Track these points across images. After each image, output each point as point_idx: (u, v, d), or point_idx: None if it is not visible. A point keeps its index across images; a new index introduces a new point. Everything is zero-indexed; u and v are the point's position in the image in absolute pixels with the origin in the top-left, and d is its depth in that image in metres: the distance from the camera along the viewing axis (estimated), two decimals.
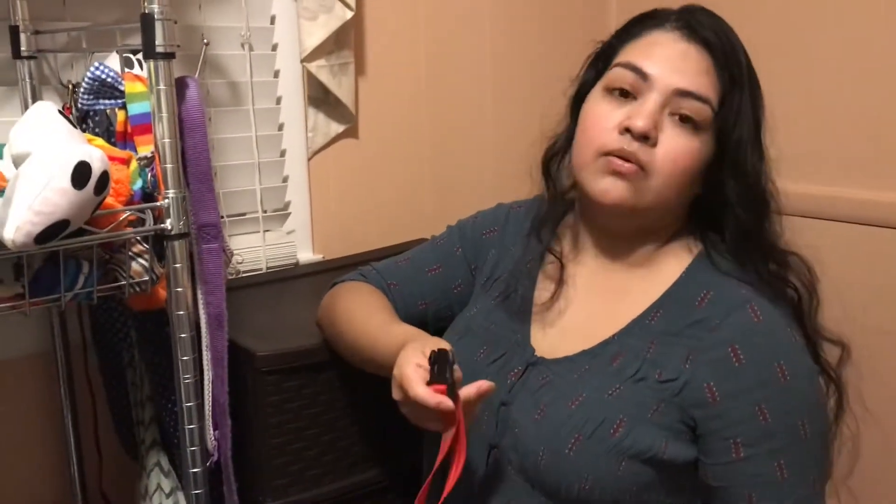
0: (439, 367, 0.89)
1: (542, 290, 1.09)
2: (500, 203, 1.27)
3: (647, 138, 0.95)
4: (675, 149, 0.95)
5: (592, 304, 1.05)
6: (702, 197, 1.02)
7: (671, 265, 1.03)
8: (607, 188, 0.97)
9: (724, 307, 0.96)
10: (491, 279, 1.16)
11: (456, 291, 1.20)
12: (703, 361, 0.94)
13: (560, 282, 1.07)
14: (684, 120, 0.95)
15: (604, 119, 0.98)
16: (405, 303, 1.19)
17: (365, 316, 1.11)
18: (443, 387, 0.87)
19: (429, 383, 0.88)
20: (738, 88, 0.96)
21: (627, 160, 0.95)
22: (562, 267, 1.08)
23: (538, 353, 1.04)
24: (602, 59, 1.06)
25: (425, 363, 0.90)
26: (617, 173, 0.96)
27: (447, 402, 0.86)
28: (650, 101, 0.95)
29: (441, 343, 0.93)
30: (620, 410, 0.93)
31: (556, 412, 0.96)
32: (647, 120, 0.94)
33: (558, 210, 1.12)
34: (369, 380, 1.25)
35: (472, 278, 1.20)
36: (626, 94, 0.98)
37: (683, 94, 0.95)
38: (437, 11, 1.77)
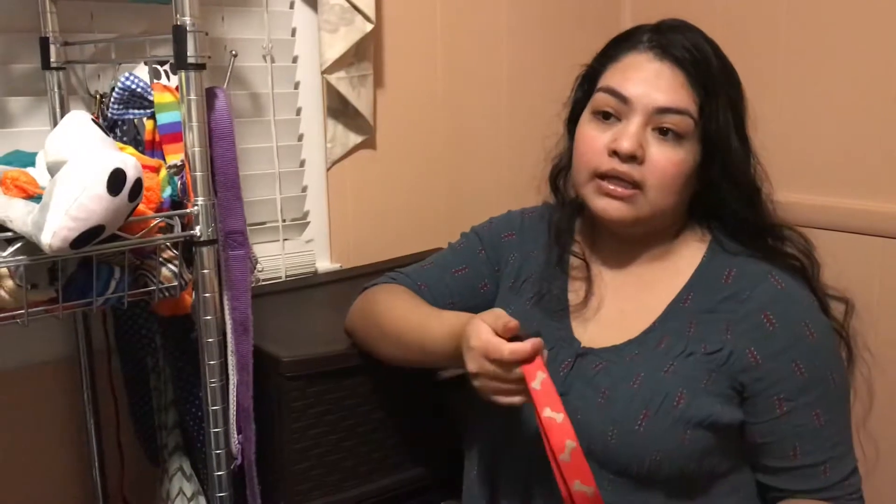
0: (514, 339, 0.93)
1: (574, 292, 1.15)
2: (510, 210, 1.31)
3: (634, 158, 1.02)
4: (662, 161, 1.02)
5: (622, 299, 1.11)
6: (700, 193, 1.10)
7: (688, 254, 1.11)
8: (605, 207, 1.06)
9: (749, 280, 1.05)
10: (519, 281, 1.20)
11: (482, 291, 1.24)
12: (741, 330, 1.02)
13: (589, 280, 1.13)
14: (666, 133, 1.03)
15: (593, 142, 1.06)
16: (435, 303, 1.21)
17: (407, 310, 1.14)
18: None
19: None
20: (713, 95, 1.03)
21: (621, 181, 1.04)
22: (588, 266, 1.15)
23: (584, 345, 1.09)
24: (588, 80, 1.14)
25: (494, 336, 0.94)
26: (613, 195, 1.05)
27: (537, 343, 0.91)
28: (633, 123, 1.03)
29: (502, 315, 0.95)
30: (678, 384, 1.01)
31: (619, 394, 1.02)
32: (632, 141, 1.02)
33: (571, 216, 1.19)
34: (391, 386, 1.28)
35: (497, 279, 1.24)
36: (609, 117, 1.06)
37: (662, 110, 1.02)
38: (454, 25, 1.80)
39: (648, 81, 1.03)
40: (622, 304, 1.11)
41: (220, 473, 1.13)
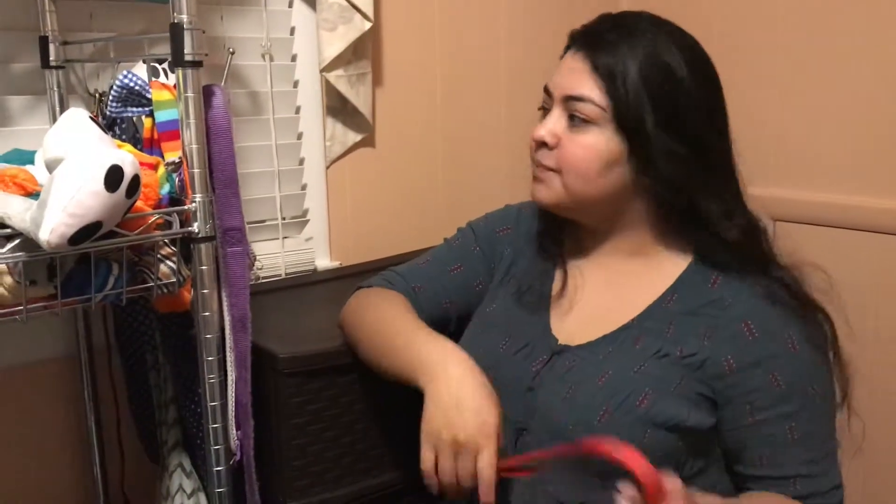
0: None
1: (556, 284, 1.16)
2: (507, 204, 1.32)
3: (545, 144, 1.07)
4: (569, 146, 1.05)
5: (602, 294, 1.12)
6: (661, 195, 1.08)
7: (676, 256, 1.10)
8: (533, 191, 1.11)
9: (733, 287, 1.04)
10: (507, 276, 1.21)
11: (478, 289, 1.24)
12: (720, 337, 1.01)
13: (565, 274, 1.15)
14: (573, 119, 1.05)
15: (531, 134, 1.11)
16: (430, 304, 1.22)
17: (390, 330, 1.12)
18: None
19: None
20: (623, 83, 1.02)
21: (540, 166, 1.09)
22: (564, 260, 1.16)
23: (561, 341, 1.10)
24: None
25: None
26: (535, 178, 1.10)
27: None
28: (552, 114, 1.08)
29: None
30: (646, 384, 1.00)
31: (584, 389, 1.02)
32: (541, 129, 1.08)
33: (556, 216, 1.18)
34: (389, 382, 1.28)
35: (492, 275, 1.24)
36: (546, 111, 1.11)
37: (569, 98, 1.05)
38: (452, 23, 1.80)
39: (563, 73, 1.07)
40: (603, 301, 1.11)
41: (219, 469, 1.14)
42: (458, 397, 0.97)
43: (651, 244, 1.10)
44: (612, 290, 1.11)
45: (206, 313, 1.09)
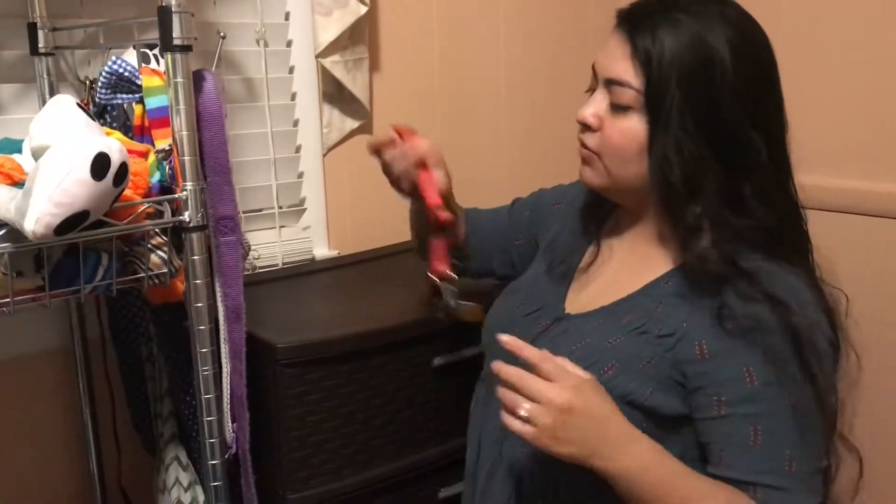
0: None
1: (586, 258, 1.16)
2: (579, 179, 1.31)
3: (588, 127, 1.04)
4: (609, 130, 1.02)
5: (620, 271, 1.11)
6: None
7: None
8: (581, 172, 1.09)
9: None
10: (548, 248, 1.23)
11: (516, 243, 1.32)
12: (698, 319, 0.97)
13: (597, 252, 1.15)
14: (613, 104, 1.02)
15: (577, 115, 1.07)
16: (476, 230, 1.35)
17: None
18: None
19: None
20: (660, 69, 0.97)
21: (584, 148, 1.06)
22: (598, 242, 1.16)
23: (568, 311, 1.11)
24: None
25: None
26: (582, 160, 1.08)
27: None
28: (596, 95, 1.05)
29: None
30: (614, 357, 0.99)
31: (559, 353, 0.99)
32: (584, 112, 1.05)
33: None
34: (389, 373, 1.26)
35: (535, 240, 1.29)
36: (594, 91, 1.07)
37: (610, 82, 1.02)
38: (450, 7, 1.77)
39: (606, 53, 1.04)
40: (618, 275, 1.10)
41: (214, 462, 1.12)
42: None
43: (669, 233, 1.05)
44: (629, 268, 1.10)
45: (199, 304, 1.07)
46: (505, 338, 0.95)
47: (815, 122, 1.67)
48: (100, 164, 0.88)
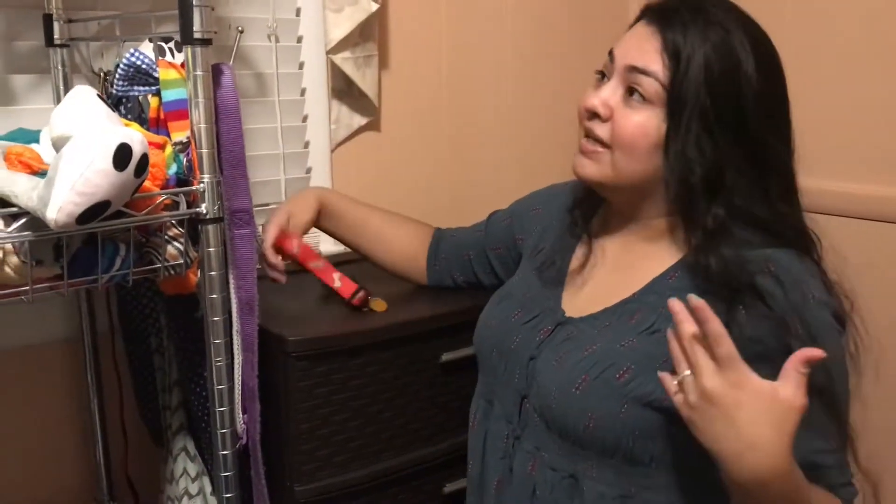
0: None
1: (577, 259, 1.16)
2: (553, 184, 1.32)
3: (597, 115, 1.02)
4: (622, 120, 1.01)
5: (616, 272, 1.10)
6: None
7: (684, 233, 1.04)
8: (576, 164, 1.06)
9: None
10: (535, 250, 1.22)
11: (497, 252, 1.33)
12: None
13: (589, 250, 1.14)
14: (633, 93, 1.01)
15: (581, 101, 1.06)
16: (450, 249, 1.39)
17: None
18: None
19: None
20: (687, 67, 0.98)
21: (590, 139, 1.04)
22: (589, 240, 1.15)
23: (568, 314, 1.09)
24: None
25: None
26: (582, 152, 1.05)
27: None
28: (610, 82, 1.03)
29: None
30: (629, 359, 0.98)
31: (570, 358, 1.02)
32: (594, 98, 1.02)
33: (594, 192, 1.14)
34: (398, 367, 1.27)
35: (516, 248, 1.29)
36: (604, 77, 1.06)
37: (631, 69, 1.01)
38: (459, 5, 1.78)
39: (631, 41, 1.03)
40: (615, 276, 1.09)
41: (225, 453, 1.13)
42: None
43: (666, 231, 1.07)
44: (625, 268, 1.09)
45: (214, 295, 1.08)
46: (677, 306, 0.86)
47: (823, 126, 1.67)
48: (122, 155, 0.89)
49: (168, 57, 1.15)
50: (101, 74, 1.27)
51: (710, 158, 0.97)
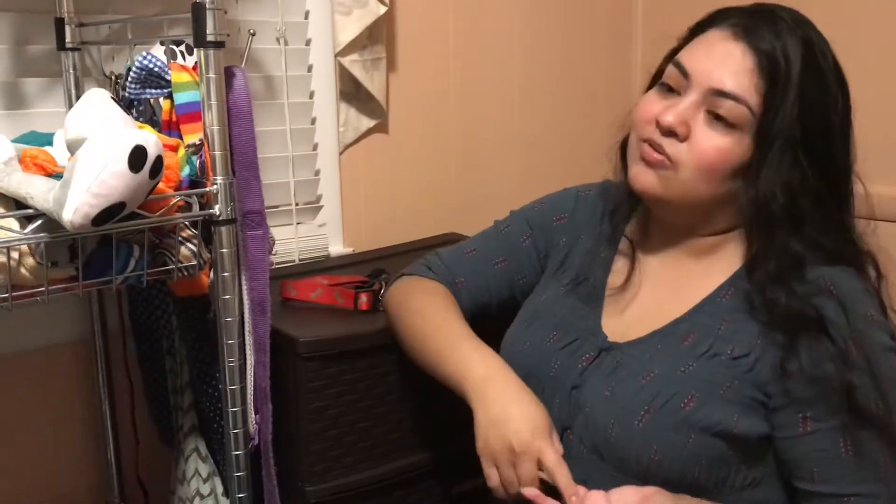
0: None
1: (616, 275, 1.10)
2: (566, 188, 1.25)
3: (674, 133, 0.97)
4: (702, 145, 0.96)
5: (660, 291, 1.06)
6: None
7: (739, 249, 1.02)
8: (637, 172, 1.01)
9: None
10: (562, 266, 1.16)
11: (521, 282, 1.20)
12: (771, 339, 0.94)
13: (633, 266, 1.08)
14: (718, 118, 0.96)
15: (647, 110, 1.01)
16: (472, 296, 1.19)
17: (436, 335, 1.11)
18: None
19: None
20: (783, 93, 0.94)
21: (657, 150, 0.98)
22: (633, 249, 1.09)
23: (611, 338, 1.05)
24: (673, 53, 1.06)
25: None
26: (646, 161, 0.99)
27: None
28: (686, 100, 0.98)
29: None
30: (692, 387, 0.95)
31: (626, 388, 0.98)
32: (675, 117, 0.97)
33: (631, 193, 1.08)
34: (408, 367, 1.27)
35: (540, 268, 1.20)
36: (672, 91, 1.01)
37: (718, 93, 0.95)
38: (467, 8, 1.79)
39: (714, 60, 0.97)
40: (659, 295, 1.05)
41: (237, 453, 1.13)
42: (504, 410, 0.98)
43: (717, 248, 1.04)
44: (669, 287, 1.05)
45: (227, 296, 1.09)
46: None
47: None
48: (137, 157, 0.89)
49: (179, 60, 1.16)
50: (113, 78, 1.28)
51: (797, 190, 0.94)
